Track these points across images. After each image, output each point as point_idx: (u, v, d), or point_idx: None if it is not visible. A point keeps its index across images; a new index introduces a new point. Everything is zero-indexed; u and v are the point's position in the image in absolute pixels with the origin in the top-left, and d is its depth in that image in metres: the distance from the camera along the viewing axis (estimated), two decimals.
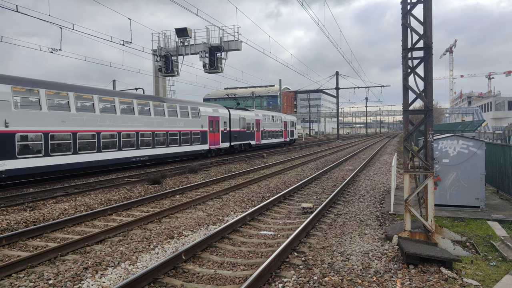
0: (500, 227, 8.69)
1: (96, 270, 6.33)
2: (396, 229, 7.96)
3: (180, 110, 25.20)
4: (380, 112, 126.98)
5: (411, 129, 7.68)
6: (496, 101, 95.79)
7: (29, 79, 16.28)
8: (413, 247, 6.52)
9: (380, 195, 13.01)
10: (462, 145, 10.13)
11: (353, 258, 6.67)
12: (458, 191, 10.22)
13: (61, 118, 16.59)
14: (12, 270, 6.34)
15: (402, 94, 7.58)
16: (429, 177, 7.38)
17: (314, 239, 8.05)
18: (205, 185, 15.83)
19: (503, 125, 62.62)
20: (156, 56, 32.20)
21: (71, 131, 17.03)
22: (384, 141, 59.78)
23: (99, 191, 14.20)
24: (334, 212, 10.65)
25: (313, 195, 13.46)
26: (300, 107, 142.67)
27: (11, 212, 10.81)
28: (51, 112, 16.15)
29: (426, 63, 7.38)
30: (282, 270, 6.30)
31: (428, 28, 7.30)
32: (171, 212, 10.85)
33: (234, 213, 10.74)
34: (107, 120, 19.12)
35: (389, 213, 10.27)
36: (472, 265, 6.60)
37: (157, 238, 8.19)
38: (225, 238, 8.25)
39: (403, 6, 7.57)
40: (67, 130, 16.82)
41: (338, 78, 62.03)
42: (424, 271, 6.00)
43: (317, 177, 17.65)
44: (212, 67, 30.06)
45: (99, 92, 19.08)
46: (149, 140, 21.95)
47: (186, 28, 30.63)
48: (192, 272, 6.37)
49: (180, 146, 24.87)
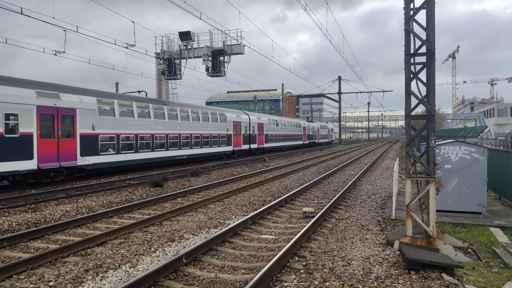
0: (502, 233, 8.66)
1: (97, 272, 6.33)
2: (398, 234, 7.94)
3: (211, 116, 29.22)
4: (382, 117, 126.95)
5: (413, 134, 7.67)
6: (499, 107, 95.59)
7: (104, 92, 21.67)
8: (414, 253, 6.50)
9: (381, 200, 12.98)
10: (464, 150, 10.11)
11: (354, 263, 6.65)
12: (460, 197, 10.19)
13: (127, 123, 20.50)
14: (13, 272, 6.35)
15: (405, 99, 7.59)
16: (431, 183, 7.37)
17: (315, 244, 8.03)
18: (206, 188, 15.83)
19: (506, 131, 62.48)
20: (159, 59, 32.30)
21: (134, 134, 20.98)
22: (386, 146, 59.69)
23: (101, 193, 14.22)
24: (336, 216, 10.63)
25: (315, 200, 13.44)
26: (302, 111, 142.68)
27: (13, 214, 10.83)
28: (121, 118, 20.17)
29: (429, 69, 7.39)
30: (283, 274, 6.29)
31: (430, 34, 7.31)
32: (173, 215, 10.85)
33: (235, 216, 10.74)
34: (158, 125, 23.02)
35: (391, 218, 10.24)
36: (473, 272, 6.58)
37: (158, 241, 8.19)
38: (226, 242, 8.25)
39: (406, 12, 7.59)
40: (131, 133, 20.76)
41: (340, 82, 62.11)
42: (426, 277, 5.98)
43: (319, 182, 17.63)
44: (215, 71, 30.10)
45: (152, 102, 23.36)
46: (188, 142, 25.89)
47: (189, 31, 30.73)
48: (192, 275, 6.37)
49: (210, 147, 28.77)
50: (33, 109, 15.12)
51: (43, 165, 15.44)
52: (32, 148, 15.02)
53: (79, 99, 17.53)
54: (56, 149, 16.15)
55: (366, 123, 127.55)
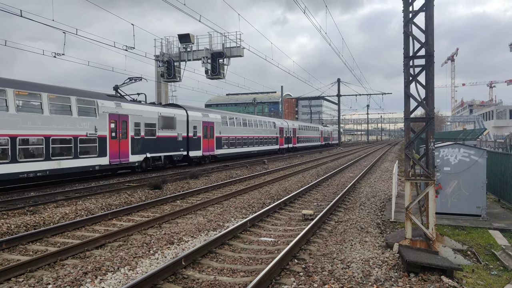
0: (501, 236, 8.65)
1: (96, 275, 6.31)
2: (397, 237, 7.93)
3: (267, 123, 41.66)
4: (382, 119, 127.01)
5: (412, 137, 7.68)
6: (498, 109, 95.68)
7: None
8: (414, 255, 6.49)
9: (381, 203, 12.98)
10: (464, 153, 10.12)
11: (354, 265, 6.64)
12: (459, 200, 10.19)
13: (234, 129, 32.64)
14: (12, 274, 6.32)
15: (404, 102, 7.60)
16: (430, 185, 7.37)
17: (315, 246, 8.02)
18: (205, 190, 15.82)
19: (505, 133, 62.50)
20: (158, 61, 32.35)
21: (236, 136, 33.12)
22: (385, 149, 59.71)
23: (100, 196, 14.20)
24: (335, 219, 10.62)
25: (314, 202, 13.43)
26: (301, 113, 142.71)
27: (12, 216, 10.81)
28: (224, 127, 30.86)
29: (428, 71, 7.40)
30: (282, 277, 6.28)
31: (429, 36, 7.33)
32: (172, 217, 10.84)
33: (235, 219, 10.72)
34: (245, 131, 35.08)
35: (390, 220, 10.24)
36: (473, 274, 6.57)
37: (157, 243, 8.17)
38: (225, 244, 8.23)
39: (405, 15, 7.61)
40: (237, 135, 33.24)
41: (339, 85, 62.20)
42: (425, 280, 5.97)
43: (318, 184, 17.63)
44: (214, 73, 30.15)
45: (241, 116, 35.84)
46: (255, 142, 37.53)
47: (188, 34, 30.78)
48: (191, 278, 6.35)
49: (267, 146, 40.72)
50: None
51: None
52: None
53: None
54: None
55: (365, 125, 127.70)
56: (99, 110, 18.37)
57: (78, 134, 17.23)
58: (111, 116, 19.17)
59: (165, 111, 23.76)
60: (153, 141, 22.33)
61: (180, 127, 24.95)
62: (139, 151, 21.22)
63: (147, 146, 21.83)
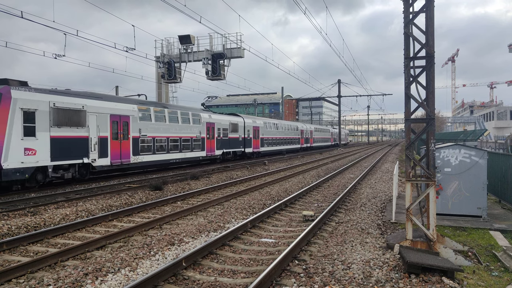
0: (502, 237, 8.64)
1: (96, 276, 6.31)
2: (398, 238, 7.92)
3: (292, 126, 49.52)
4: (382, 120, 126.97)
5: (413, 138, 7.68)
6: (498, 110, 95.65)
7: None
8: (414, 256, 6.48)
9: (381, 204, 12.97)
10: (464, 154, 10.12)
11: (354, 266, 6.64)
12: (460, 200, 10.18)
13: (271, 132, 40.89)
14: (12, 275, 6.33)
15: (404, 102, 7.60)
16: (430, 186, 7.36)
17: (315, 247, 8.02)
18: (206, 191, 15.82)
19: (505, 134, 62.48)
20: (159, 62, 32.38)
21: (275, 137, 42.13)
22: (385, 149, 59.69)
23: (100, 197, 14.20)
24: (336, 220, 10.62)
25: (315, 203, 13.43)
26: (302, 114, 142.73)
27: (12, 217, 10.81)
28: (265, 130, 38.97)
29: (428, 72, 7.40)
30: (282, 278, 6.28)
31: (430, 37, 7.33)
32: (172, 218, 10.83)
33: (235, 220, 10.72)
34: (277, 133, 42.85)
35: (391, 221, 10.23)
36: (474, 275, 6.56)
37: (157, 244, 8.17)
38: (225, 245, 8.23)
39: (405, 16, 7.61)
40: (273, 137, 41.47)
41: (340, 86, 62.22)
42: (426, 281, 5.96)
43: (319, 185, 17.62)
44: (214, 74, 30.18)
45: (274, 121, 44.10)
46: (284, 142, 45.62)
47: (189, 35, 30.81)
48: (192, 279, 6.35)
49: (292, 145, 48.69)
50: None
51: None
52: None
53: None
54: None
55: (365, 126, 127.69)
56: (201, 120, 27.50)
57: (193, 136, 26.45)
58: (207, 124, 28.29)
59: (233, 119, 33.13)
60: (227, 141, 31.57)
61: (241, 130, 34.23)
62: (220, 148, 30.37)
63: (224, 144, 31.07)
